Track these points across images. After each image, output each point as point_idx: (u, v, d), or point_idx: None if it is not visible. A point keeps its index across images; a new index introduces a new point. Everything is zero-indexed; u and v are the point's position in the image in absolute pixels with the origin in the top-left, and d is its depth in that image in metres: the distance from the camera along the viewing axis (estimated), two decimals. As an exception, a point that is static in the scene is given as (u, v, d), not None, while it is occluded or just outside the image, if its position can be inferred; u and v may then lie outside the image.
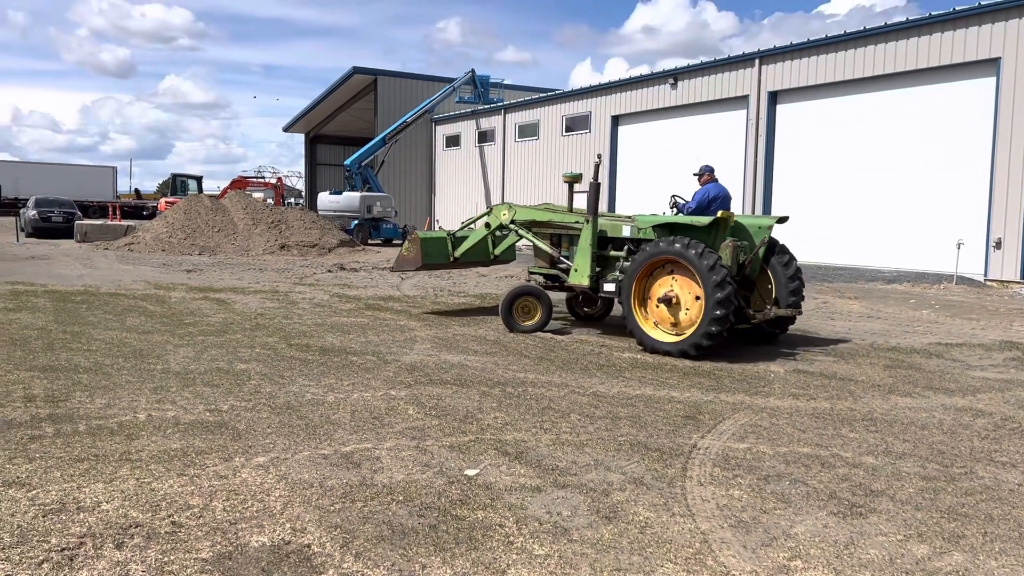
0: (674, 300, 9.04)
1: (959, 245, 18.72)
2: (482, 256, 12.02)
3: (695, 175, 11.07)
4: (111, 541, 3.60)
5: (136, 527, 3.77)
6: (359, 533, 3.81)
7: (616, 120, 31.06)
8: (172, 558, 3.47)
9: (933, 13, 20.33)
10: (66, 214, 32.14)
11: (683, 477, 4.82)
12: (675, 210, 10.84)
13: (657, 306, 9.20)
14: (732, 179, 26.14)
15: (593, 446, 5.38)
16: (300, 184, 60.31)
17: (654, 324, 9.24)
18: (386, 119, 41.13)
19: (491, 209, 11.56)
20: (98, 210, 47.57)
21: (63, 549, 3.50)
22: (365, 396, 6.62)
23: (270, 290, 14.64)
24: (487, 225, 11.53)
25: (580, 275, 10.31)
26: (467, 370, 7.86)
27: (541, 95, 36.45)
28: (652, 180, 29.39)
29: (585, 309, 11.85)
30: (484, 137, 39.53)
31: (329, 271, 19.48)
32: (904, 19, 21.20)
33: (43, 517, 3.84)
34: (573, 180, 11.43)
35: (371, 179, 36.06)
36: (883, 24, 21.65)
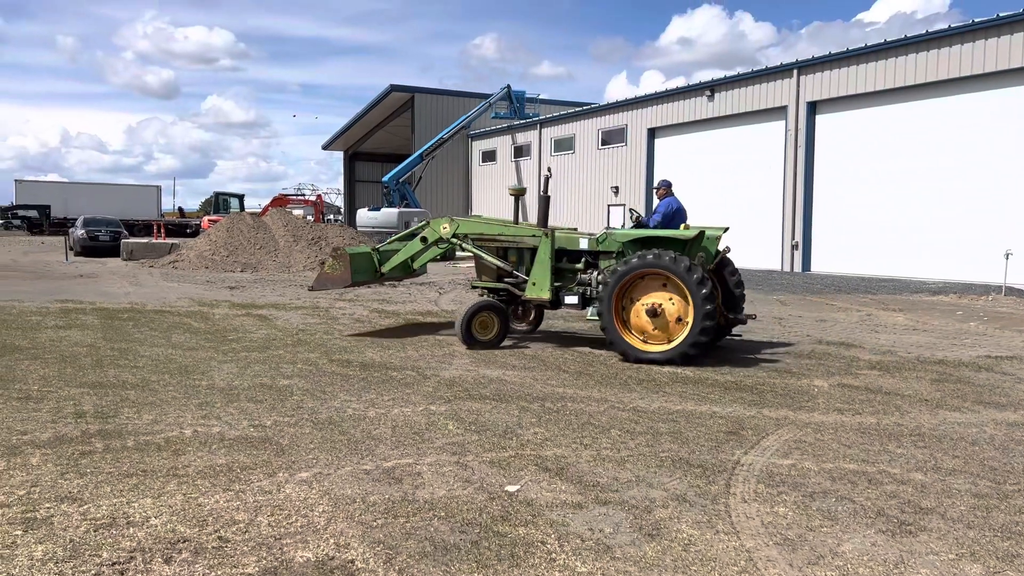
0: (659, 311, 9.26)
1: (1007, 255, 18.28)
2: (406, 270, 11.62)
3: (654, 188, 11.26)
4: (160, 556, 3.67)
5: (184, 542, 3.83)
6: (402, 549, 3.83)
7: (652, 133, 30.98)
8: (219, 573, 3.52)
9: (976, 20, 19.99)
10: (113, 233, 32.91)
11: (726, 494, 4.76)
12: (633, 223, 10.74)
13: (635, 318, 9.37)
14: (771, 190, 25.91)
15: (634, 462, 5.35)
16: (339, 201, 61.07)
17: (629, 333, 9.43)
18: (423, 136, 41.54)
19: (427, 223, 11.19)
20: (143, 229, 48.63)
21: (114, 563, 3.57)
22: (405, 411, 6.66)
23: (311, 306, 14.81)
24: (423, 240, 11.03)
25: (539, 289, 10.25)
26: (506, 385, 7.87)
27: (577, 109, 36.52)
28: (689, 192, 29.22)
29: (518, 325, 11.55)
30: (520, 152, 39.68)
31: (369, 286, 19.64)
32: (946, 26, 20.87)
33: (95, 531, 3.92)
34: (518, 193, 11.32)
35: (409, 195, 36.40)
36: (924, 32, 21.35)
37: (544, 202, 10.80)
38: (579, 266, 10.32)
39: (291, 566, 3.61)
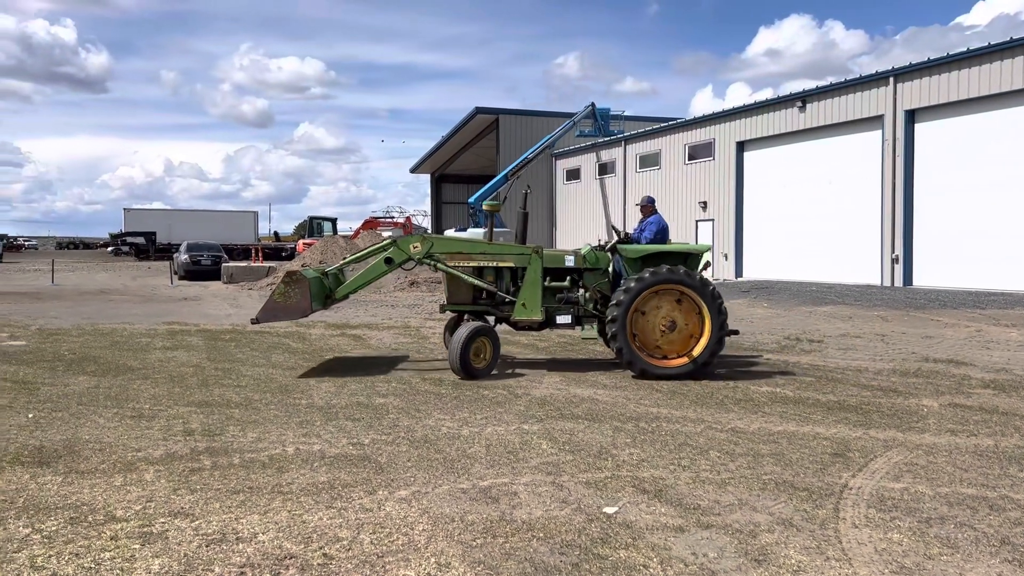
0: (677, 326, 9.33)
1: None
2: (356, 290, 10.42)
3: (639, 206, 10.93)
4: (268, 572, 3.76)
5: (291, 558, 3.92)
6: (503, 569, 3.81)
7: (741, 146, 30.40)
8: (325, 589, 3.58)
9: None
10: (214, 257, 34.36)
11: (835, 519, 4.57)
12: (614, 240, 10.29)
13: (644, 334, 9.29)
14: (866, 202, 25.02)
15: (736, 484, 5.20)
16: (426, 223, 62.12)
17: (638, 349, 9.32)
18: (508, 156, 41.90)
19: (394, 241, 9.98)
20: (241, 252, 50.62)
21: (226, 578, 3.68)
22: (499, 430, 6.67)
23: (402, 326, 15.07)
24: (388, 261, 9.81)
25: (530, 310, 9.75)
26: (597, 404, 7.79)
27: (662, 124, 36.18)
28: (780, 206, 28.51)
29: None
30: (604, 169, 39.56)
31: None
32: (1056, 25, 19.77)
33: (206, 547, 4.06)
34: (493, 209, 10.66)
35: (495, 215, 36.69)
36: (1032, 32, 20.27)
37: (523, 219, 10.40)
38: (566, 284, 10.05)
39: (394, 584, 3.64)
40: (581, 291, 10.00)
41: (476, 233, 34.35)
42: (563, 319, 9.89)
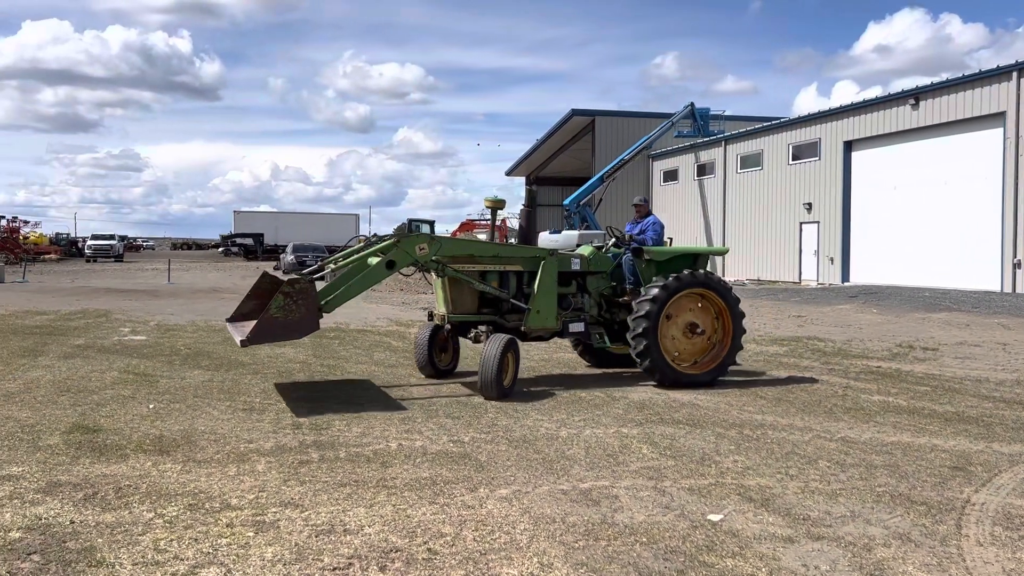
0: (700, 331, 9.06)
1: None
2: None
3: (636, 205, 10.36)
4: (375, 564, 3.84)
5: (396, 552, 3.99)
6: (606, 573, 3.77)
7: (849, 145, 29.26)
8: (430, 584, 3.63)
9: None
10: (318, 258, 35.52)
11: (957, 535, 4.32)
12: (613, 242, 9.75)
13: (663, 339, 8.88)
14: (985, 204, 23.68)
15: (847, 496, 4.99)
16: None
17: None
18: (603, 158, 41.65)
19: (398, 241, 8.44)
20: (343, 254, 52.02)
21: (335, 568, 3.78)
22: (597, 432, 6.62)
23: (498, 327, 15.17)
24: (390, 264, 8.28)
25: (544, 317, 8.81)
26: (698, 409, 7.64)
27: (764, 124, 35.21)
28: (890, 207, 27.30)
29: (440, 365, 9.43)
30: (703, 170, 38.81)
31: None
32: None
33: (315, 537, 4.18)
34: (496, 206, 9.54)
35: (589, 218, 36.55)
36: None
37: (528, 217, 9.64)
38: (572, 289, 9.30)
39: (497, 582, 3.66)
40: (585, 296, 9.35)
41: (570, 235, 34.27)
42: (576, 327, 9.14)
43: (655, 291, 8.76)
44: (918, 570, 3.86)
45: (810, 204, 30.88)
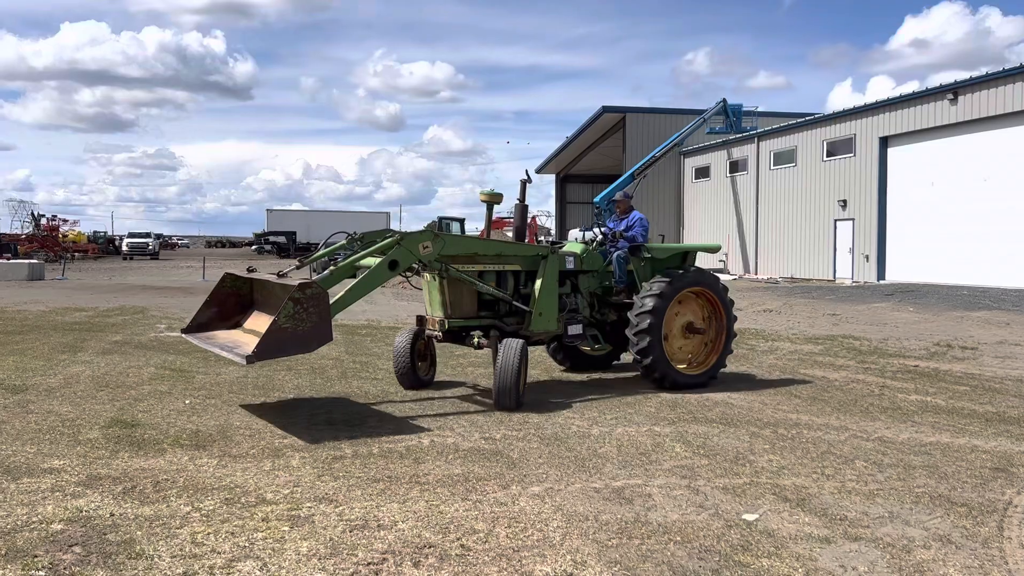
0: (697, 330, 8.85)
1: None
2: None
3: (617, 200, 9.81)
4: (409, 560, 3.86)
5: (430, 547, 4.00)
6: (640, 571, 3.75)
7: (885, 142, 28.79)
8: (463, 580, 3.64)
9: None
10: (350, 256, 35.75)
11: (999, 537, 4.24)
12: (600, 239, 9.21)
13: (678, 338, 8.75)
14: (1028, 200, 23.17)
15: (885, 496, 4.91)
16: (550, 223, 62.35)
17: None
18: (634, 155, 41.42)
19: (400, 240, 7.50)
20: (374, 252, 52.33)
21: (369, 563, 3.80)
22: (629, 431, 6.59)
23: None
24: (392, 264, 7.40)
25: (547, 320, 8.23)
26: (732, 408, 7.57)
27: (798, 120, 34.77)
28: (927, 204, 26.84)
29: (422, 375, 8.57)
30: (735, 167, 38.43)
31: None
32: None
33: (350, 532, 4.21)
34: (492, 199, 8.84)
35: (620, 215, 36.35)
36: None
37: (521, 211, 9.03)
38: (567, 289, 8.73)
39: (531, 579, 3.65)
40: (578, 296, 8.84)
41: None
42: (575, 329, 8.54)
43: (662, 287, 8.39)
44: (959, 572, 3.79)
45: (845, 201, 30.45)
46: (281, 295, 7.03)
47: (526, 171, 9.24)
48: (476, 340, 7.82)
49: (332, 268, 7.37)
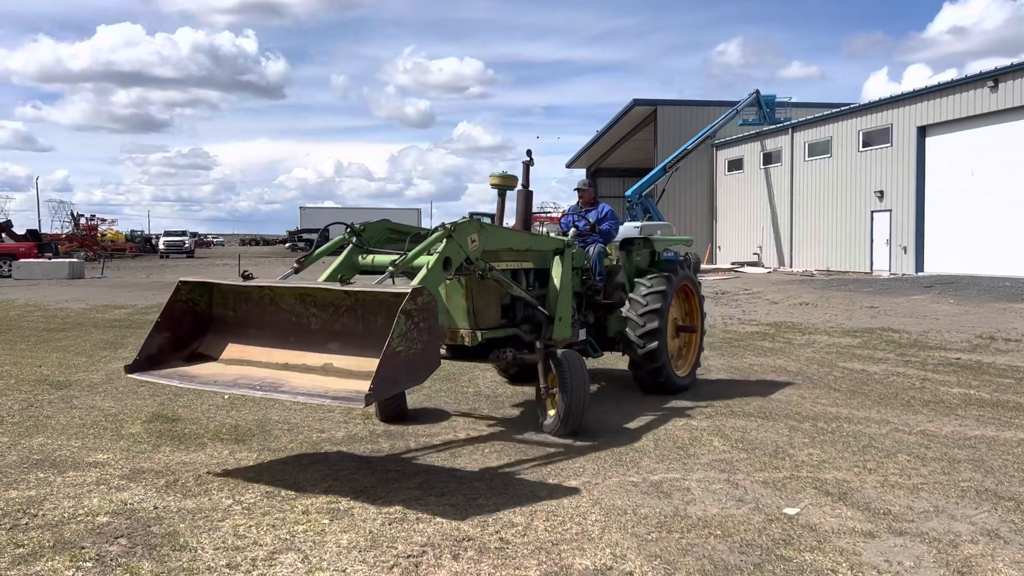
0: (684, 328, 8.41)
1: None
2: None
3: (580, 190, 8.45)
4: (448, 552, 3.87)
5: (468, 540, 4.01)
6: (680, 565, 3.72)
7: (922, 131, 28.25)
8: (503, 574, 3.64)
9: None
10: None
11: (1050, 533, 4.14)
12: (575, 233, 7.90)
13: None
14: (1073, 188, 22.59)
15: (930, 490, 4.83)
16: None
17: None
18: (666, 148, 41.09)
19: (453, 229, 5.82)
20: (405, 248, 52.55)
21: (409, 556, 3.82)
22: (665, 425, 6.54)
23: (562, 319, 15.12)
24: (446, 262, 5.73)
25: (566, 326, 6.89)
26: (770, 402, 7.48)
27: (833, 110, 34.25)
28: (967, 194, 26.30)
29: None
30: (769, 159, 37.97)
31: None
32: None
33: (388, 525, 4.23)
34: (505, 184, 7.58)
35: (652, 208, 36.12)
36: None
37: (524, 198, 7.88)
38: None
39: (571, 573, 3.64)
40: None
41: (628, 228, 33.84)
42: (581, 335, 7.50)
43: (661, 284, 7.74)
44: (1008, 567, 3.70)
45: (882, 192, 29.94)
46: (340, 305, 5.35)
47: (528, 151, 7.94)
48: (511, 354, 6.50)
49: (391, 268, 5.71)
